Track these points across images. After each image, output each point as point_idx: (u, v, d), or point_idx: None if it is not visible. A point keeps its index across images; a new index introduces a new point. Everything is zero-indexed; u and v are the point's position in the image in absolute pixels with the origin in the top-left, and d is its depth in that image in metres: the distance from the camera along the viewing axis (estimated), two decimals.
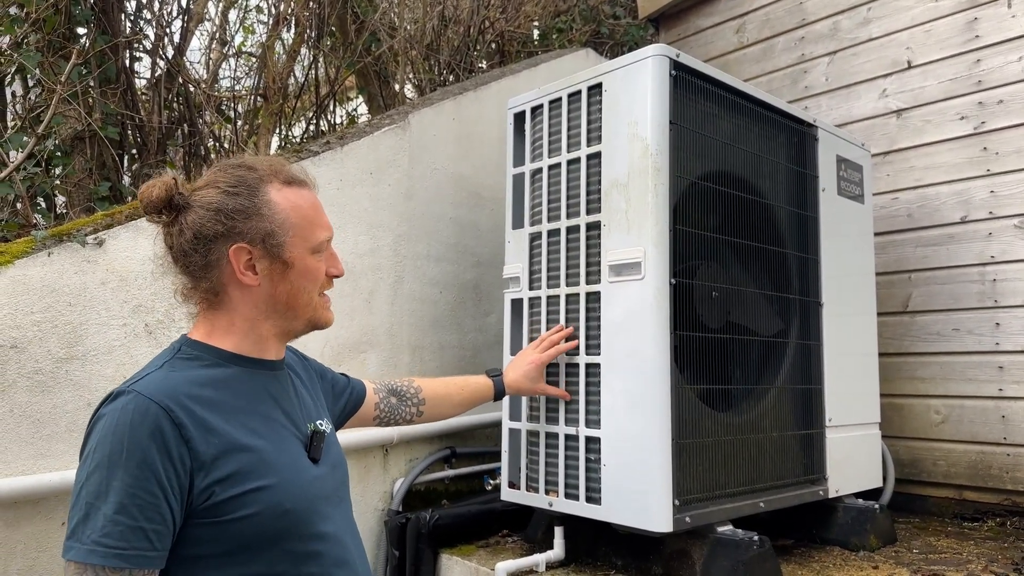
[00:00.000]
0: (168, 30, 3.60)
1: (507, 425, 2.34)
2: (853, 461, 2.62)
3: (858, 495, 2.66)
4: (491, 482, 2.73)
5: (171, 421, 1.12)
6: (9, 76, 3.10)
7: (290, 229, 1.28)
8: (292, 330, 1.35)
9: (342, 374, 1.69)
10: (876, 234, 3.08)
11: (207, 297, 1.28)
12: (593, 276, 2.13)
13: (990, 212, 3.01)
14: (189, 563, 1.14)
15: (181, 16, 3.66)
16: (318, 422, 1.38)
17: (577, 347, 2.15)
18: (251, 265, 1.26)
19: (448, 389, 1.93)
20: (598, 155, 2.15)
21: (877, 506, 2.56)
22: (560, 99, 2.29)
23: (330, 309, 1.39)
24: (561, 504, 2.15)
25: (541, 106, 2.35)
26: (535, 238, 2.32)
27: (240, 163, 1.31)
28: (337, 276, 1.38)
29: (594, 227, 2.14)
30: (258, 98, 4.06)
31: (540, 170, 2.32)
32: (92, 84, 3.04)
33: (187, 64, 3.78)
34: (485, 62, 4.49)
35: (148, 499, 1.08)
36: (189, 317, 1.33)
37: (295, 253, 1.29)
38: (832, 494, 2.49)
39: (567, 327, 2.18)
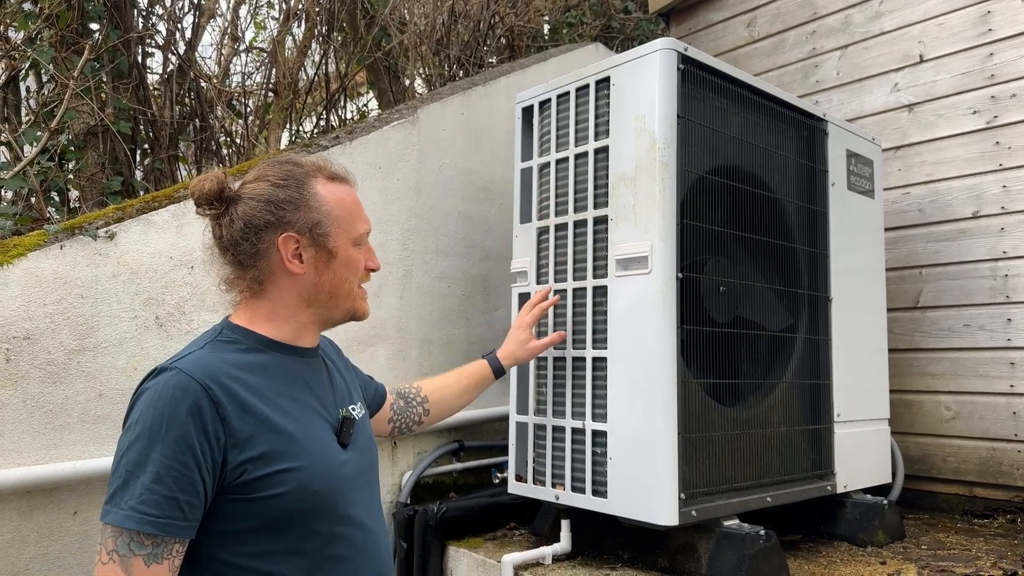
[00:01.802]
0: (180, 26, 3.62)
1: (514, 419, 2.35)
2: (862, 457, 2.61)
3: (867, 491, 2.65)
4: (498, 475, 2.74)
5: (209, 399, 1.18)
6: (23, 71, 3.13)
7: (335, 220, 1.36)
8: (331, 319, 1.41)
9: (367, 375, 1.74)
10: (887, 229, 3.06)
11: (252, 286, 1.34)
12: (600, 270, 2.13)
13: (1002, 207, 2.99)
14: (220, 537, 1.20)
15: (193, 12, 3.69)
16: (351, 407, 1.43)
17: (561, 304, 2.19)
18: (298, 254, 1.33)
19: (446, 381, 1.94)
20: (605, 149, 2.15)
21: (885, 502, 2.55)
22: (568, 93, 2.29)
23: (366, 301, 1.46)
24: (567, 497, 2.15)
25: (549, 100, 2.35)
26: (542, 232, 2.33)
27: (287, 159, 1.39)
28: (374, 270, 1.44)
29: (601, 221, 2.15)
30: (269, 93, 4.08)
31: (548, 164, 2.33)
32: (105, 79, 3.07)
33: (198, 59, 3.80)
34: (495, 57, 4.49)
35: (183, 471, 1.14)
36: (206, 309, 1.36)
37: (339, 243, 1.36)
38: (840, 489, 2.49)
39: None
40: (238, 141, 4.01)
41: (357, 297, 1.42)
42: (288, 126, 4.19)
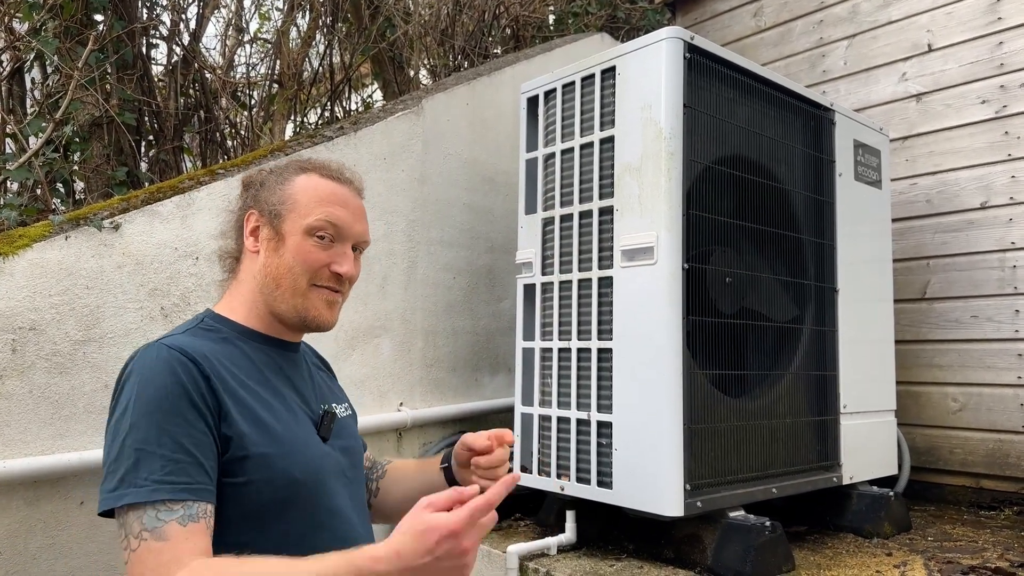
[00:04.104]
0: (184, 16, 3.61)
1: (519, 410, 2.35)
2: (868, 448, 2.61)
3: (873, 482, 2.64)
4: None
5: (200, 372, 1.18)
6: (28, 62, 3.12)
7: (293, 206, 1.32)
8: (279, 312, 1.32)
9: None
10: (894, 220, 3.05)
11: (232, 265, 1.38)
12: (606, 261, 2.13)
13: (1011, 198, 2.97)
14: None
15: (197, 2, 3.67)
16: (333, 404, 1.40)
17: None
18: (256, 231, 1.34)
19: (410, 465, 1.66)
20: (611, 139, 2.14)
21: (892, 493, 2.55)
22: (573, 83, 2.27)
23: (329, 309, 1.34)
24: (573, 488, 2.15)
25: (554, 90, 2.34)
26: (548, 223, 2.32)
27: (307, 160, 1.42)
28: (339, 273, 1.32)
29: (607, 212, 2.14)
30: (273, 84, 4.07)
31: (553, 155, 2.32)
32: (109, 70, 3.06)
33: (203, 50, 3.79)
34: (500, 47, 4.47)
35: (201, 437, 1.13)
36: (211, 300, 1.37)
37: (289, 228, 1.32)
38: (846, 481, 2.48)
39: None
40: (243, 132, 4.00)
41: (307, 296, 1.31)
42: (293, 117, 4.18)
